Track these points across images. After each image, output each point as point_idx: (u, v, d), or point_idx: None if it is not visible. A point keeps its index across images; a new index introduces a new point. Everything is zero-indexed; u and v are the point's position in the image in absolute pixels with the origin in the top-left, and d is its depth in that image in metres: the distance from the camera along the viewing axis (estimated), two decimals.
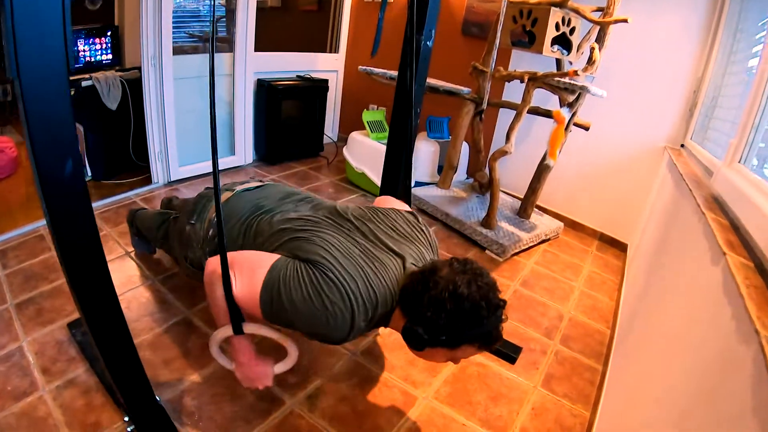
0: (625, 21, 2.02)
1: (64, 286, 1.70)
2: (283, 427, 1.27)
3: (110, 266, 1.81)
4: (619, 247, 2.68)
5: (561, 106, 2.02)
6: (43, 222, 2.15)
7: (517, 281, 2.17)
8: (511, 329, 1.82)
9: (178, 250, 1.46)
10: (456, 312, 0.93)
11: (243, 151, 3.21)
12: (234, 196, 1.34)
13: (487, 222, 2.43)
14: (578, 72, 1.86)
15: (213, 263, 1.01)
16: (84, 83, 2.64)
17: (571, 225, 2.87)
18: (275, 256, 1.04)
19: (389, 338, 1.68)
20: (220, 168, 3.10)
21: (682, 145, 2.31)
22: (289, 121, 3.31)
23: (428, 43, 1.54)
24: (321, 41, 3.81)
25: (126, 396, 0.95)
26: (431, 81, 2.69)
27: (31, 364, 1.35)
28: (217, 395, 1.34)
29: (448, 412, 1.40)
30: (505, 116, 2.91)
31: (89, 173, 2.73)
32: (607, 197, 2.71)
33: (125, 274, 1.84)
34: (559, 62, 2.42)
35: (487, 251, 2.39)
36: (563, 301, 2.07)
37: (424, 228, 1.24)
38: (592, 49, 2.11)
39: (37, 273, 1.77)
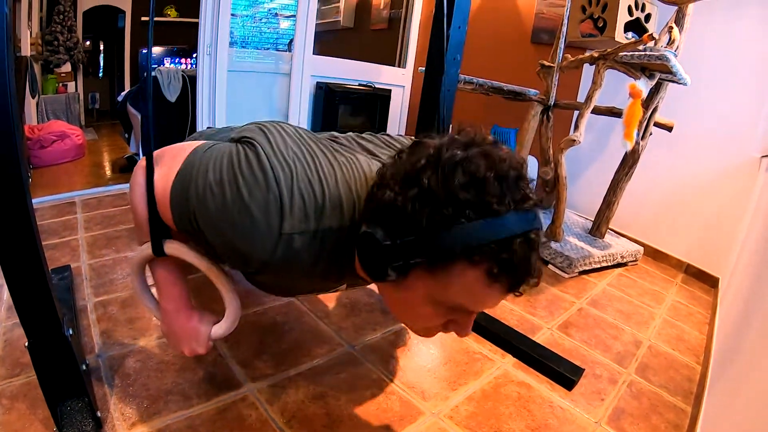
0: None
1: (72, 242, 1.67)
2: (225, 414, 0.99)
3: (124, 231, 1.74)
4: (709, 281, 2.17)
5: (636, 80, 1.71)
6: (78, 192, 2.15)
7: (584, 299, 1.77)
8: (571, 348, 1.43)
9: None
10: (438, 185, 0.55)
11: None
12: None
13: (552, 231, 2.06)
14: (654, 36, 1.54)
15: (141, 161, 0.75)
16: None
17: (652, 254, 2.40)
18: (207, 142, 0.75)
19: (404, 338, 1.36)
20: None
21: None
22: (346, 127, 3.18)
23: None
24: (390, 58, 3.77)
25: (24, 316, 0.75)
26: (496, 82, 2.45)
27: (3, 299, 1.29)
28: (165, 363, 1.10)
29: None
30: None
31: None
32: (694, 221, 2.24)
33: (132, 239, 1.73)
34: None
35: (550, 265, 2.02)
36: (641, 327, 1.64)
37: None
38: (670, 29, 1.82)
39: (53, 229, 1.77)
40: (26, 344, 0.78)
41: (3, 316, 1.22)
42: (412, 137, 0.90)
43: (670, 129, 2.01)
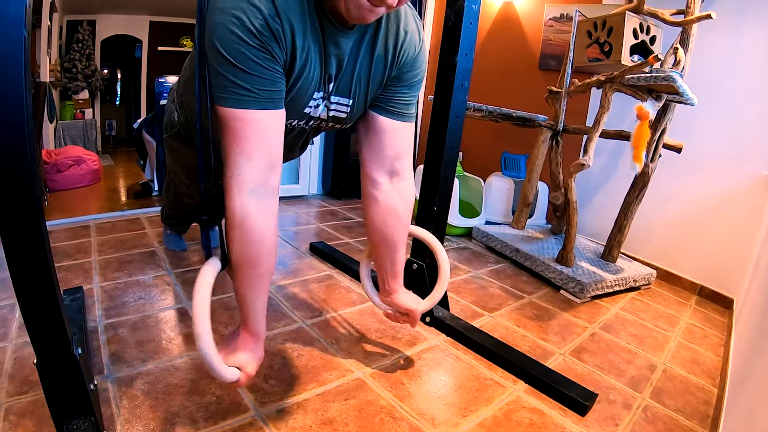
0: (709, 17, 1.74)
1: (85, 264, 1.70)
2: None
3: (137, 255, 1.76)
4: (723, 302, 2.13)
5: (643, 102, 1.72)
6: (92, 216, 2.19)
7: (596, 324, 1.74)
8: (584, 373, 1.40)
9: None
10: None
11: (308, 182, 3.15)
12: None
13: (564, 257, 2.05)
14: (659, 57, 1.56)
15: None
16: (162, 101, 2.77)
17: (665, 277, 2.37)
18: None
19: (414, 365, 1.35)
20: (282, 195, 3.02)
21: None
22: (357, 155, 3.21)
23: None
24: None
25: (33, 333, 0.75)
26: (505, 109, 2.47)
27: (15, 317, 1.31)
28: (173, 386, 1.10)
29: None
30: None
31: (156, 188, 2.77)
32: (706, 243, 2.22)
33: (145, 263, 1.76)
34: None
35: (561, 291, 1.99)
36: (655, 351, 1.61)
37: None
38: (675, 50, 1.85)
39: (67, 252, 1.80)
40: (35, 362, 0.79)
41: (14, 334, 1.24)
42: None
43: (679, 150, 2.01)
